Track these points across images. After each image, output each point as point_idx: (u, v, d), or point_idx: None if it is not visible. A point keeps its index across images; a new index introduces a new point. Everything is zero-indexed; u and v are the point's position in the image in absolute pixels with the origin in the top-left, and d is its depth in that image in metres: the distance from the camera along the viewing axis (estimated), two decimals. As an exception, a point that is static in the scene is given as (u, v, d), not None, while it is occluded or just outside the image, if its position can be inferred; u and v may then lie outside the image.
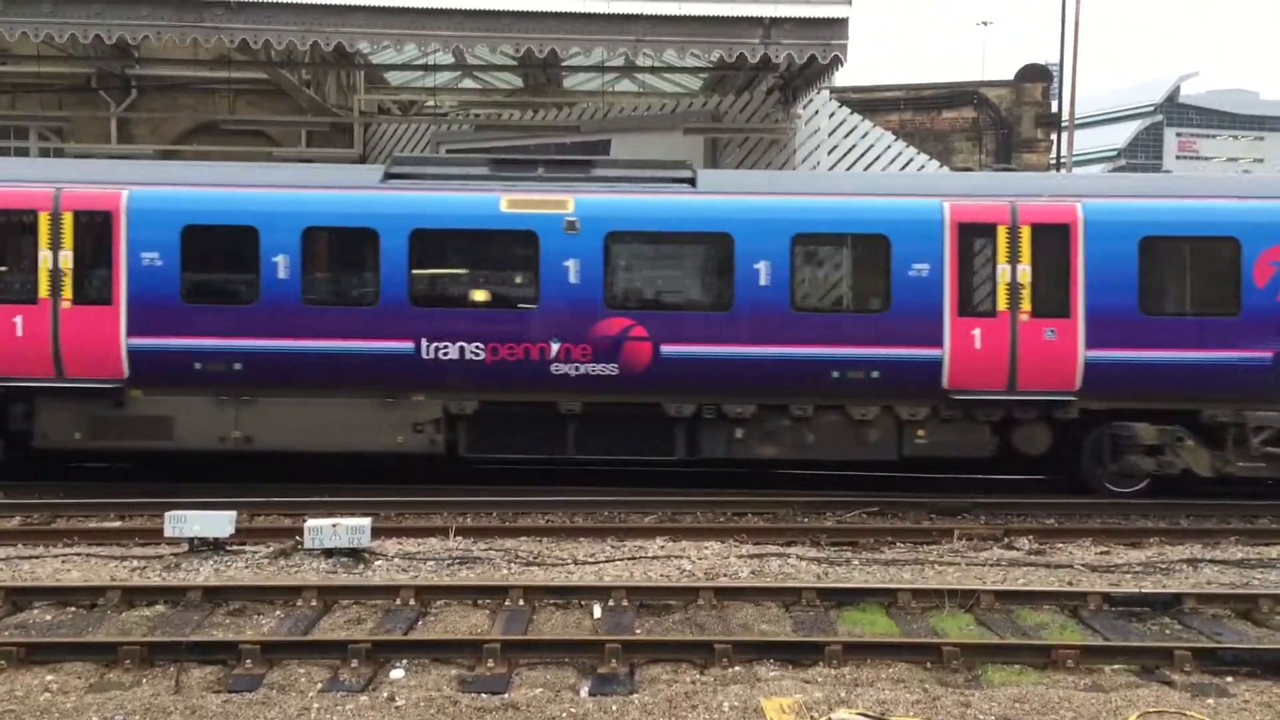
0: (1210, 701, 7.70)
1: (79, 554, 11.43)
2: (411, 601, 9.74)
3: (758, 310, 14.03)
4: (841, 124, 21.46)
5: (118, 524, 12.90)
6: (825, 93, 20.99)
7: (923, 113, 28.32)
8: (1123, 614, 9.76)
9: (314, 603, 9.71)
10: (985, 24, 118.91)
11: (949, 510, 13.81)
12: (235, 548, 11.48)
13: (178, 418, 14.19)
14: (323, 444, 14.38)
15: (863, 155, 21.34)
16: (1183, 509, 13.99)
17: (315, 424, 14.20)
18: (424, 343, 13.97)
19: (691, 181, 14.60)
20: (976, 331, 14.00)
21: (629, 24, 15.99)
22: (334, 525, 11.23)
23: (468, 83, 25.34)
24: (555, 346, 13.92)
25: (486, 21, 16.00)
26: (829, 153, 21.09)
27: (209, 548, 11.39)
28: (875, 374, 14.01)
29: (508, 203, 14.10)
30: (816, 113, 21.13)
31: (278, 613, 9.59)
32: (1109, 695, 7.75)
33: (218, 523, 11.35)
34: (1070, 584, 10.67)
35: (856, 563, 11.45)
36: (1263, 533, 12.99)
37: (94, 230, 14.03)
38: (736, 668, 8.28)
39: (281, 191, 14.35)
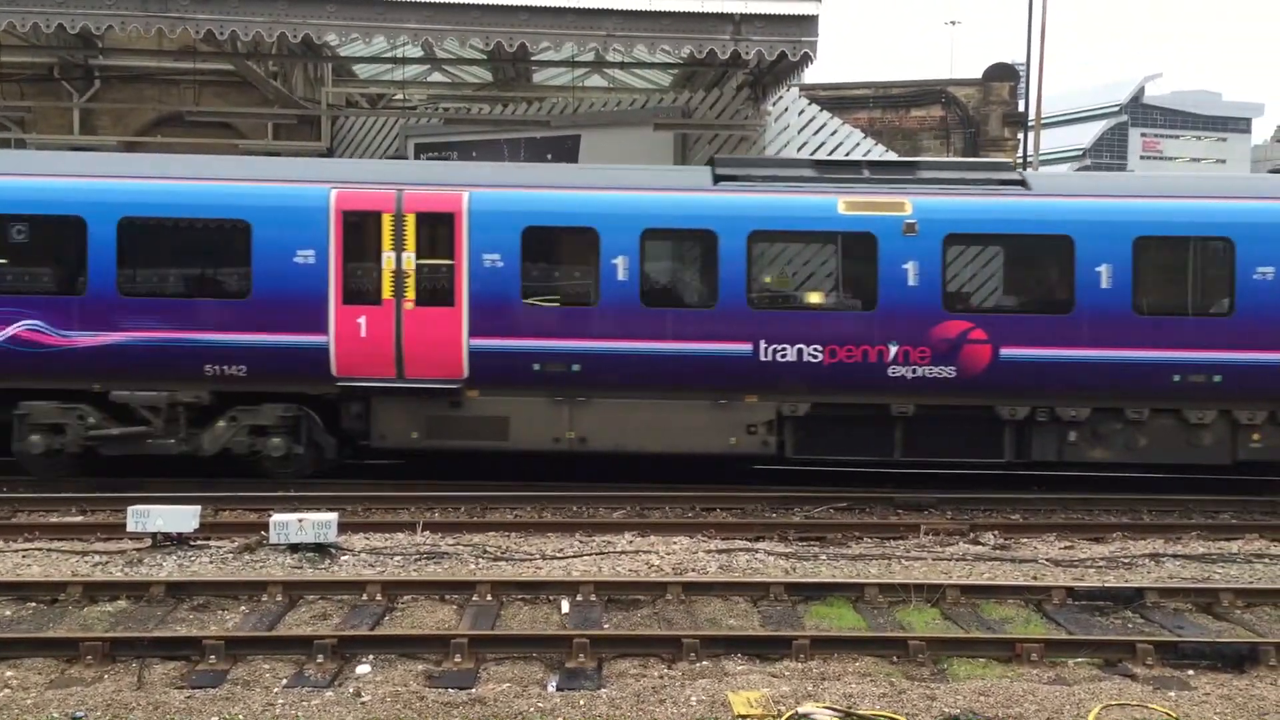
0: (1172, 694, 7.80)
1: (40, 549, 11.29)
2: (378, 597, 9.70)
3: (1099, 313, 13.93)
4: (811, 121, 21.52)
5: (79, 519, 12.76)
6: (795, 89, 21.05)
7: (891, 110, 28.47)
8: (1086, 608, 9.86)
9: (279, 598, 9.65)
10: (953, 23, 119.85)
11: (915, 506, 13.89)
12: (199, 543, 11.38)
13: (514, 418, 14.15)
14: (656, 445, 14.30)
15: (832, 153, 21.41)
16: (1145, 504, 14.15)
17: (649, 425, 14.17)
18: (762, 345, 13.91)
19: (1023, 183, 14.57)
20: None
21: (599, 19, 15.94)
22: (300, 520, 11.16)
23: (437, 76, 25.20)
24: (893, 349, 13.86)
25: (456, 14, 15.90)
26: (799, 149, 21.16)
27: (173, 543, 11.29)
28: (1217, 378, 13.90)
29: (845, 205, 14.01)
30: (786, 109, 21.18)
31: (242, 608, 9.52)
32: (1072, 688, 7.83)
33: (182, 518, 11.24)
34: (1034, 578, 10.77)
35: (824, 558, 11.50)
36: (1223, 528, 13.16)
37: (436, 231, 13.98)
38: (704, 662, 8.30)
39: (621, 193, 14.23)
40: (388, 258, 13.90)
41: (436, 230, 14.01)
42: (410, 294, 13.92)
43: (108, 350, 13.80)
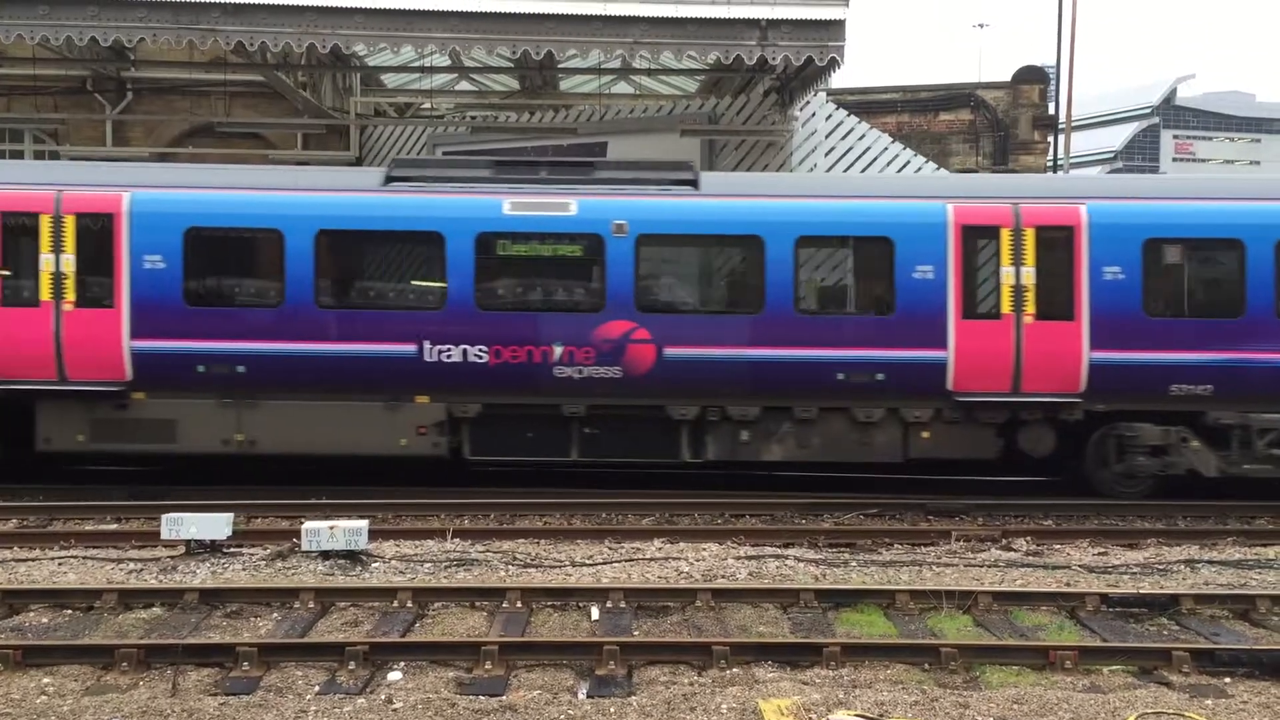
0: (1208, 702, 7.70)
1: (76, 556, 11.40)
2: (409, 603, 9.73)
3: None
4: (838, 126, 21.49)
5: (114, 526, 12.88)
6: (822, 94, 21.01)
7: (919, 115, 28.37)
8: (1120, 615, 9.76)
9: (311, 605, 9.70)
10: (982, 26, 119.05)
11: (946, 512, 13.81)
12: (232, 550, 11.46)
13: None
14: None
15: (860, 157, 21.36)
16: (1180, 510, 13.99)
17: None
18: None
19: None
20: None
21: (626, 26, 15.99)
22: (331, 527, 11.21)
23: (464, 85, 25.35)
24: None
25: (483, 23, 15.99)
26: (826, 155, 21.11)
27: (206, 550, 11.38)
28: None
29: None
30: (813, 115, 21.14)
31: (275, 615, 9.58)
32: (1107, 696, 7.75)
33: (215, 525, 11.33)
34: (1068, 585, 10.67)
35: (854, 564, 11.44)
36: (1260, 533, 13.00)
37: None
38: (734, 669, 8.28)
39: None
40: None
41: None
42: None
43: None
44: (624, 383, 14.01)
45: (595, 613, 9.63)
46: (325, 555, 11.15)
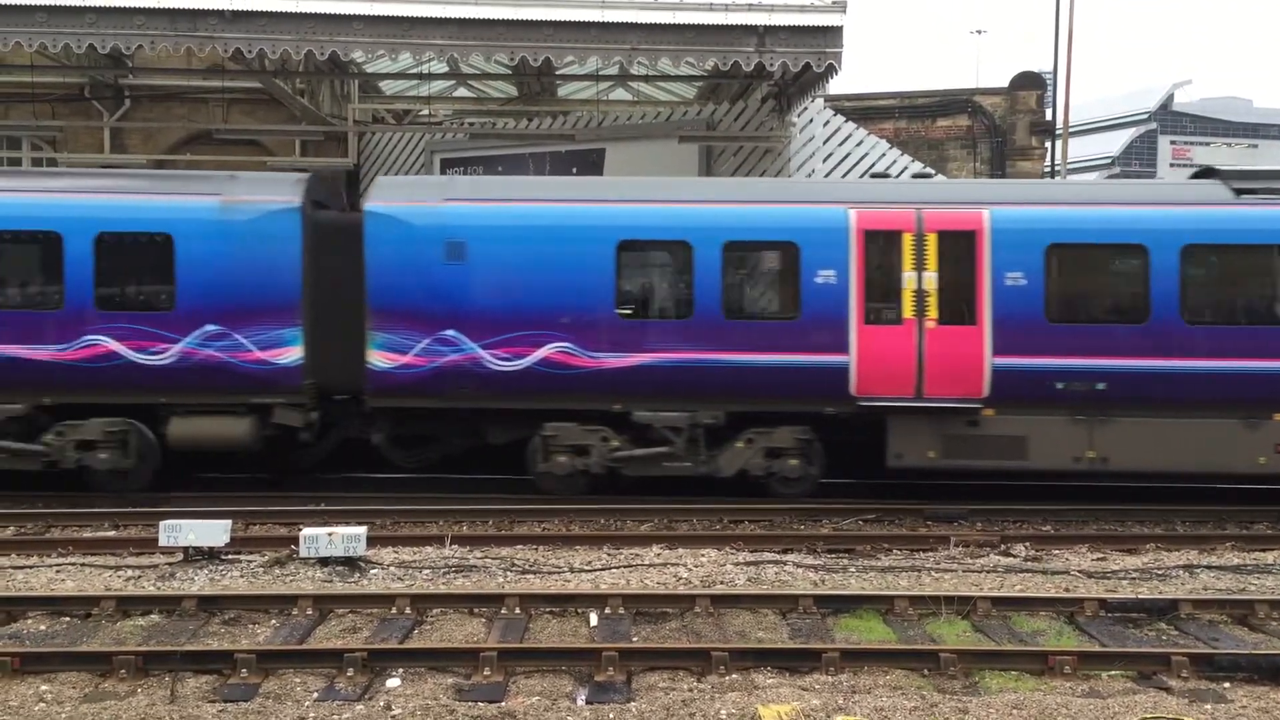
0: (1208, 707, 7.70)
1: (73, 564, 11.40)
2: (407, 610, 9.72)
3: None
4: (836, 132, 21.50)
5: (112, 533, 12.87)
6: (819, 100, 21.02)
7: (917, 120, 28.42)
8: (1119, 620, 9.76)
9: (309, 611, 9.69)
10: (979, 32, 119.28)
11: (945, 517, 13.79)
12: (230, 557, 11.45)
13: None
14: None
15: (858, 163, 21.38)
16: (1178, 515, 13.99)
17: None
18: None
19: None
20: None
21: (624, 32, 15.99)
22: (329, 534, 11.21)
23: (462, 91, 25.41)
24: None
25: (481, 30, 15.98)
26: (824, 160, 21.13)
27: (204, 557, 11.37)
28: None
29: None
30: (811, 121, 21.15)
31: (273, 622, 9.57)
32: (1106, 701, 7.75)
33: (212, 532, 11.32)
34: (1067, 590, 10.67)
35: (853, 570, 11.44)
36: (1258, 538, 13.01)
37: None
38: (734, 675, 8.27)
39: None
40: None
41: None
42: None
43: None
44: None
45: (594, 619, 9.63)
46: (323, 562, 11.14)
